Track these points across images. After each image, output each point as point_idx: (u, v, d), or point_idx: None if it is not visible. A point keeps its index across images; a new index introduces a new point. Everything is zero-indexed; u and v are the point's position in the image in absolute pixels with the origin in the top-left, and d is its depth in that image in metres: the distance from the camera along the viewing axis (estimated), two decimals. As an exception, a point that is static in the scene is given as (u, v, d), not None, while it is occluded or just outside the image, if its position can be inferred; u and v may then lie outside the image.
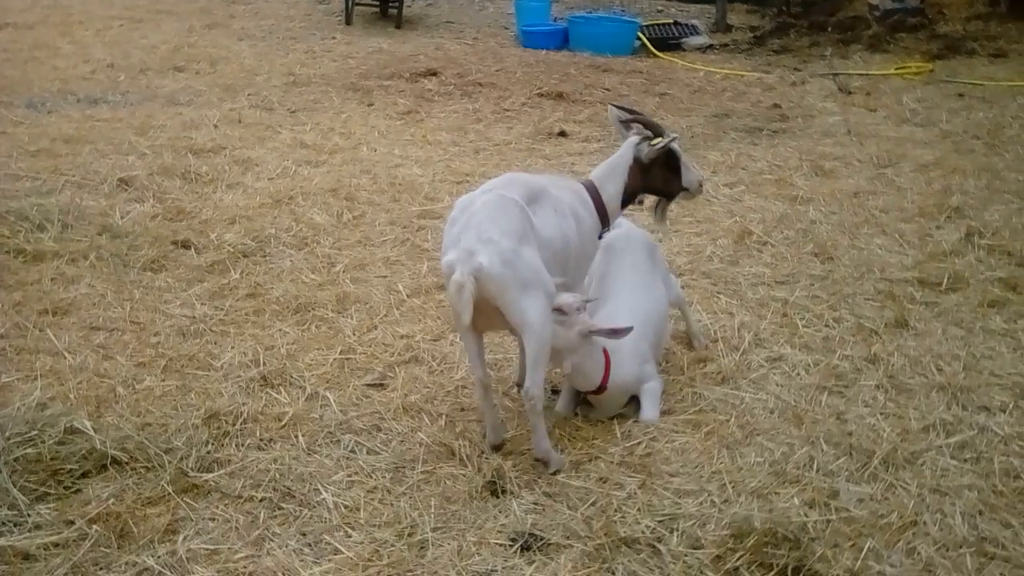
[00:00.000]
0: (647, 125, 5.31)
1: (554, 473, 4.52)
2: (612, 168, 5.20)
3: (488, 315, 4.40)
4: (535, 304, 4.38)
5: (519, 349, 5.16)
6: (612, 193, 5.15)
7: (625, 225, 5.56)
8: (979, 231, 7.25)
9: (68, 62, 12.55)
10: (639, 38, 14.73)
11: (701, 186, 5.42)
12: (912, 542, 4.07)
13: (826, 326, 5.98)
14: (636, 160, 5.19)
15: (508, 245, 4.33)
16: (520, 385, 5.15)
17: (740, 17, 17.04)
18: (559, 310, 4.62)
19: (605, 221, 5.12)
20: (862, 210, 7.91)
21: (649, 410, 5.01)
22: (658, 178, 5.27)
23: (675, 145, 5.23)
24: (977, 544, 4.07)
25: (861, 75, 12.94)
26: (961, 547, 4.05)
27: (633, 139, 5.23)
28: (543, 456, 4.56)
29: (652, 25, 15.48)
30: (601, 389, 4.92)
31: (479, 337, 4.61)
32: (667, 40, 14.94)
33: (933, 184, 8.51)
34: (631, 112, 5.44)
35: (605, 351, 4.88)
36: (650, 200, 5.55)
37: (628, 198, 5.23)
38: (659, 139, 5.20)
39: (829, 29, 15.22)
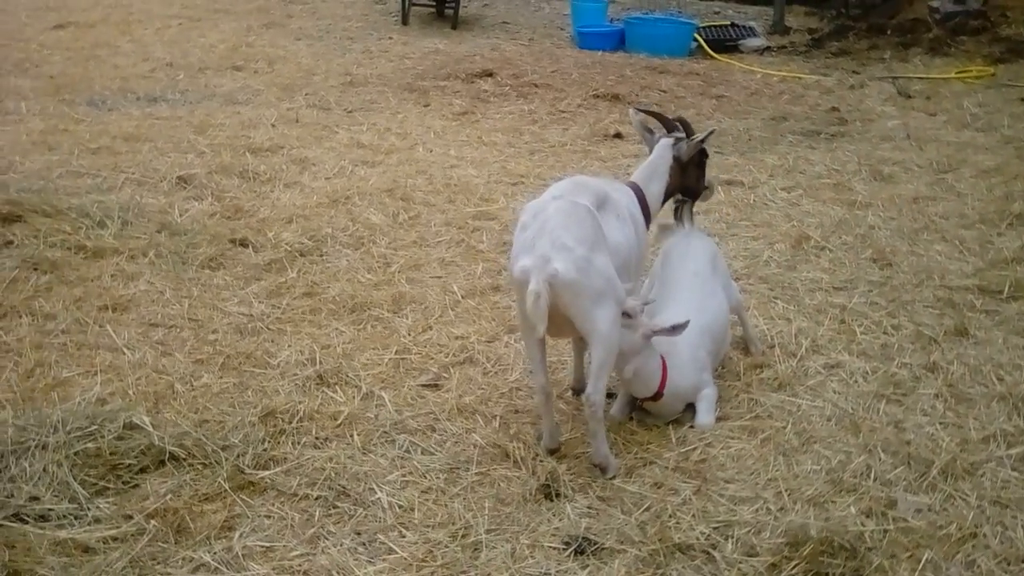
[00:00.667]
0: (667, 124, 5.47)
1: (611, 478, 4.51)
2: (653, 169, 5.29)
3: (558, 323, 4.37)
4: (607, 312, 4.38)
5: (574, 352, 5.16)
6: (655, 194, 5.26)
7: (687, 229, 5.57)
8: (1041, 238, 7.15)
9: (128, 60, 12.71)
10: (696, 39, 14.66)
11: (715, 184, 5.72)
12: (972, 555, 4.02)
13: (884, 333, 5.91)
14: (676, 159, 5.30)
15: (582, 252, 4.32)
16: (576, 390, 5.14)
17: (798, 19, 16.91)
18: (626, 314, 4.62)
19: (648, 223, 5.19)
20: (922, 216, 7.82)
21: (704, 415, 4.98)
22: (692, 176, 5.42)
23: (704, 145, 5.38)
24: (1039, 558, 4.01)
25: (921, 79, 12.80)
26: (1023, 562, 3.99)
27: (667, 140, 5.35)
28: (601, 462, 4.54)
29: (709, 27, 15.40)
30: (658, 396, 4.89)
31: (543, 344, 4.58)
32: (724, 42, 14.86)
33: (994, 190, 8.39)
34: (650, 112, 5.66)
35: (663, 358, 4.86)
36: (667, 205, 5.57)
37: (665, 199, 5.35)
38: (695, 135, 5.35)
39: (888, 32, 15.04)
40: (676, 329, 4.74)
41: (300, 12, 16.97)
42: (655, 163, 5.30)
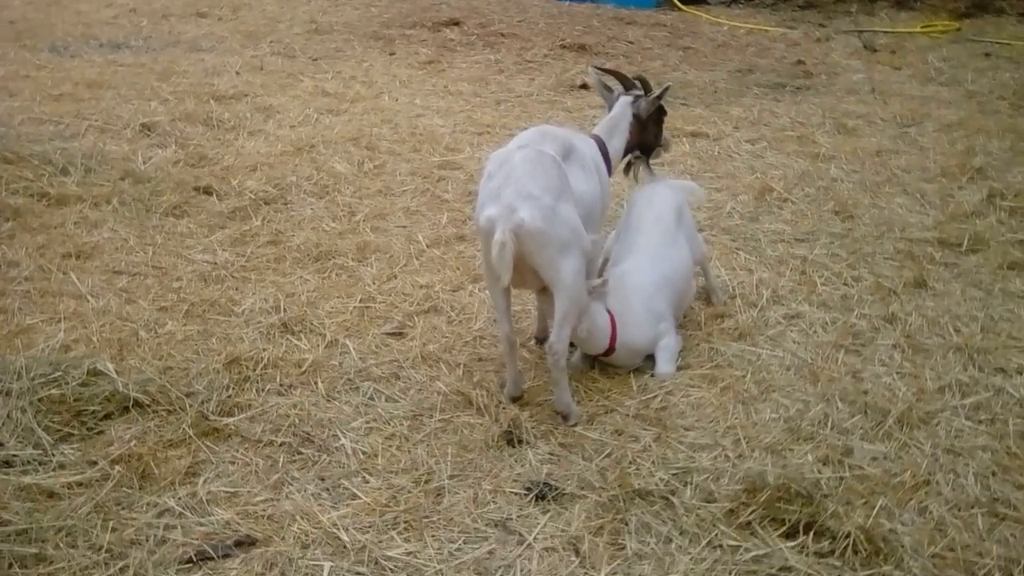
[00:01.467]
0: (625, 82, 5.54)
1: (573, 425, 4.56)
2: (614, 124, 5.35)
3: (523, 273, 4.40)
4: (572, 262, 4.40)
5: (537, 301, 5.18)
6: (616, 149, 5.33)
7: (654, 180, 5.62)
8: (1001, 192, 7.21)
9: (91, 6, 12.56)
10: (663, -9, 14.62)
11: (669, 141, 5.80)
12: (924, 501, 4.09)
13: (845, 284, 5.97)
14: (635, 116, 5.37)
15: (548, 201, 4.32)
16: (540, 339, 5.18)
17: (766, -29, 16.87)
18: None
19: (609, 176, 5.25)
20: (884, 169, 7.87)
21: (664, 365, 5.01)
22: (650, 133, 5.51)
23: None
24: (989, 505, 4.09)
25: (887, 33, 12.83)
26: (973, 507, 4.07)
27: (626, 97, 5.42)
28: (564, 410, 4.59)
29: (677, -22, 15.34)
30: (609, 351, 4.93)
31: (508, 294, 4.61)
32: (692, -7, 14.82)
33: (956, 144, 8.46)
34: (609, 71, 5.76)
35: (610, 312, 4.89)
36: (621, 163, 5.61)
37: (624, 154, 5.43)
38: (653, 92, 5.42)
39: (856, -15, 15.06)
40: (594, 290, 4.78)
41: (265, -42, 16.76)
42: (616, 119, 5.35)
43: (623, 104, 5.39)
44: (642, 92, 5.45)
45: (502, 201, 4.30)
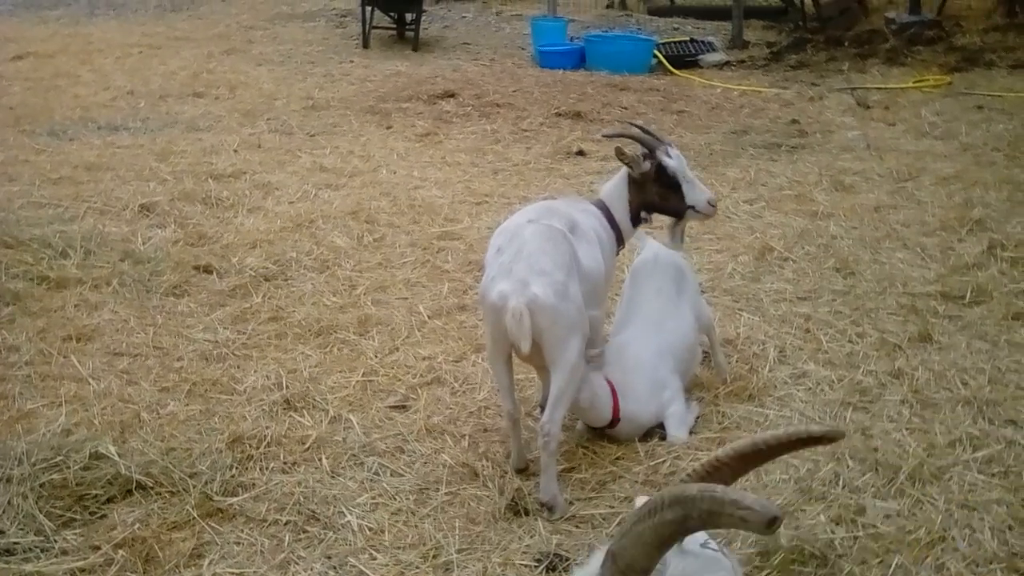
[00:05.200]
0: (641, 141, 5.18)
1: (557, 519, 4.37)
2: (615, 186, 5.17)
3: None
4: (575, 342, 4.35)
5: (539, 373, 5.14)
6: (621, 211, 5.11)
7: (653, 248, 5.52)
8: (1001, 243, 7.20)
9: (88, 90, 12.65)
10: (656, 56, 14.72)
11: (712, 205, 5.20)
12: (941, 558, 4.04)
13: (849, 341, 5.95)
14: (630, 176, 5.11)
15: (561, 277, 4.29)
16: (544, 407, 5.13)
17: (756, 33, 17.02)
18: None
19: (621, 241, 5.12)
20: (883, 224, 7.87)
21: (674, 429, 4.97)
22: (654, 194, 5.12)
23: (669, 160, 5.06)
24: (1008, 560, 4.03)
25: (879, 89, 12.91)
26: (991, 563, 4.01)
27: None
28: (549, 500, 4.40)
29: (669, 43, 15.48)
30: (614, 423, 4.89)
31: (510, 369, 4.57)
32: (684, 57, 14.93)
33: (954, 197, 8.46)
34: (619, 135, 5.41)
35: (610, 384, 4.85)
36: (667, 220, 5.43)
37: (635, 215, 5.15)
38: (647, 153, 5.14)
39: (846, 44, 15.17)
40: (591, 360, 4.72)
41: (261, 38, 16.96)
42: (617, 180, 5.18)
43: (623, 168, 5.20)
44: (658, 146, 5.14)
45: (514, 276, 4.27)
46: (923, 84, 12.98)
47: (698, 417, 5.12)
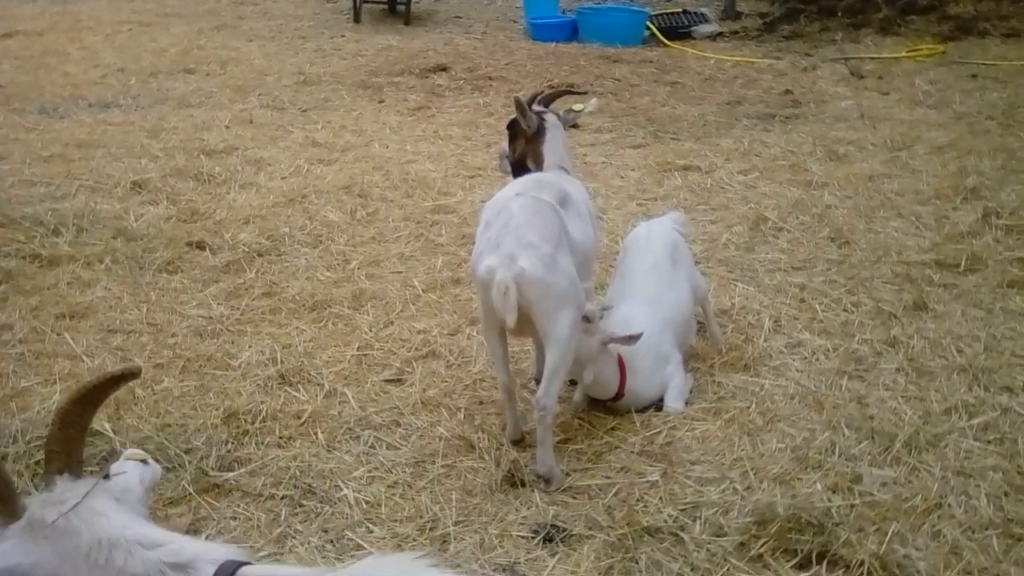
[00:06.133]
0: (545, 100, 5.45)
1: (554, 491, 4.37)
2: (565, 148, 5.25)
3: (520, 321, 4.26)
4: (568, 315, 4.32)
5: (534, 343, 5.13)
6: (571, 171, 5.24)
7: (649, 222, 5.57)
8: (996, 211, 7.21)
9: (79, 67, 12.57)
10: (648, 27, 14.67)
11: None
12: (937, 525, 4.05)
13: (844, 310, 5.95)
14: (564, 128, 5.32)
15: (548, 250, 4.27)
16: (539, 380, 5.12)
17: (749, 4, 16.93)
18: (585, 318, 4.58)
19: None
20: (877, 193, 7.86)
21: (672, 400, 4.97)
22: None
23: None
24: (1003, 526, 4.05)
25: (873, 59, 12.88)
26: (987, 529, 4.03)
27: (552, 116, 5.29)
28: (546, 472, 4.40)
29: (661, 14, 15.43)
30: (618, 397, 4.90)
31: (504, 341, 4.56)
32: (677, 29, 14.88)
33: (948, 166, 8.45)
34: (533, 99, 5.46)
35: (620, 358, 4.85)
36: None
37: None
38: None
39: (839, 13, 15.13)
40: (631, 339, 4.70)
41: (251, 13, 16.86)
42: (563, 142, 5.23)
43: (557, 125, 5.26)
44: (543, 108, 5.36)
45: (502, 250, 4.24)
46: (917, 53, 12.96)
47: (692, 389, 5.11)
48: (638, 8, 15.66)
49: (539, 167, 5.13)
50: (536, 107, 5.32)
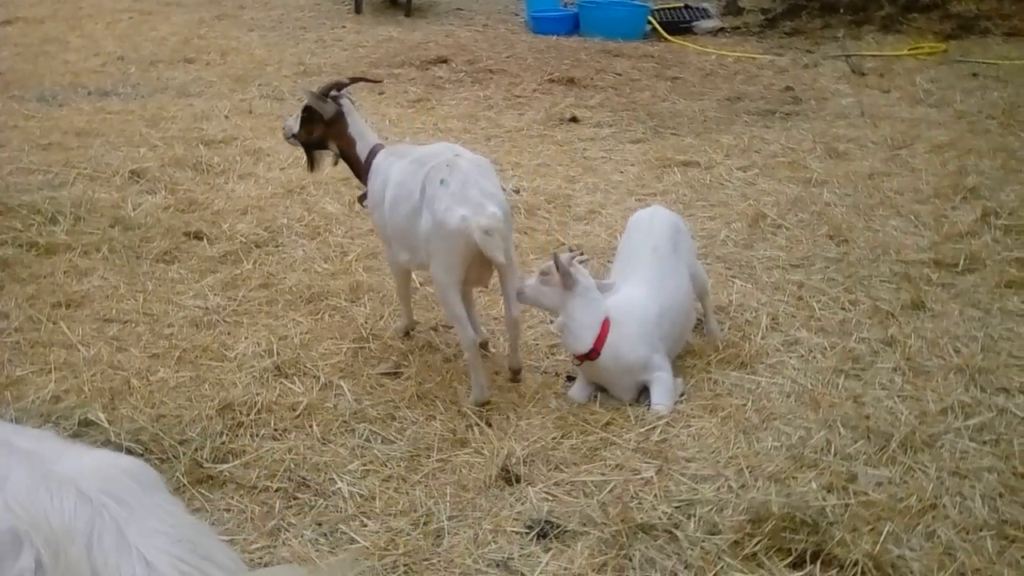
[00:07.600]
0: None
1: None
2: (369, 127, 5.63)
3: (480, 268, 4.87)
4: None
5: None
6: None
7: (652, 207, 5.63)
8: (995, 211, 7.19)
9: (78, 55, 12.54)
10: (650, 22, 14.64)
11: None
12: (932, 525, 4.04)
13: (842, 309, 5.94)
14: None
15: (503, 197, 4.87)
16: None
17: (751, 0, 16.92)
18: (544, 272, 4.94)
19: None
20: (877, 192, 7.85)
21: (659, 397, 4.92)
22: None
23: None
24: (998, 527, 4.04)
25: (874, 56, 12.85)
26: (981, 530, 4.02)
27: (347, 101, 5.52)
28: (515, 365, 5.18)
29: (663, 9, 15.37)
30: (594, 354, 4.88)
31: (470, 297, 5.12)
32: (678, 24, 14.84)
33: (948, 165, 8.43)
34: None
35: (606, 317, 4.87)
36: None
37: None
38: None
39: (841, 10, 15.07)
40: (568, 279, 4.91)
41: (252, 3, 16.82)
42: (361, 122, 5.55)
43: (350, 107, 5.52)
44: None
45: (471, 201, 4.69)
46: (918, 51, 12.92)
47: (683, 393, 5.08)
48: (640, 3, 15.61)
49: (350, 149, 5.47)
50: (333, 93, 5.52)
